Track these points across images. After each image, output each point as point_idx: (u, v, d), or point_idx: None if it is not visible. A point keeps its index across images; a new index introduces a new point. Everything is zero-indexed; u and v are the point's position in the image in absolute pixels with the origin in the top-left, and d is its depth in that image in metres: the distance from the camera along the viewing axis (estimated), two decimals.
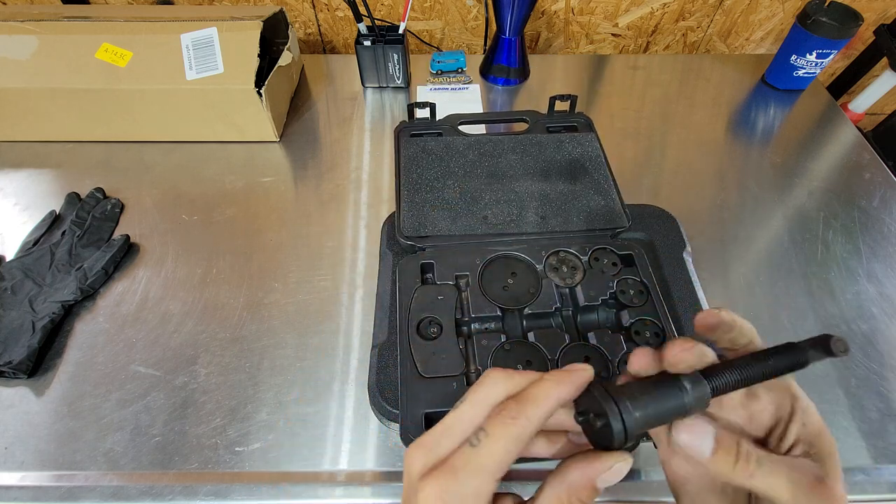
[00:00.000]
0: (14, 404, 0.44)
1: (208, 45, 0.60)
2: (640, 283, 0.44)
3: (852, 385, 0.45)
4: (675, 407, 0.22)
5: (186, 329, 0.48)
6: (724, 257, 0.54)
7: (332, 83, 0.76)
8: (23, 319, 0.47)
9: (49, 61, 0.59)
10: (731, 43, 0.88)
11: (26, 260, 0.52)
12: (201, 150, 0.65)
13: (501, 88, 0.76)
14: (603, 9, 0.82)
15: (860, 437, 0.43)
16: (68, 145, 0.65)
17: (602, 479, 0.22)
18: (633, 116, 0.71)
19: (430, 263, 0.45)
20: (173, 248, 0.55)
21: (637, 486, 0.40)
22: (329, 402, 0.44)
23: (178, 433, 0.42)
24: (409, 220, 0.49)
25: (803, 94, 0.74)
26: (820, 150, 0.67)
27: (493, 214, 0.50)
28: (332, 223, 0.57)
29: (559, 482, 0.23)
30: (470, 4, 0.81)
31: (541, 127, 0.58)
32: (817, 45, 0.67)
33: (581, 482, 0.22)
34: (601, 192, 0.51)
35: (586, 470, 0.22)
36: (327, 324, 0.49)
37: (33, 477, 0.40)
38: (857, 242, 0.56)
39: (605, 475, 0.22)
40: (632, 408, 0.22)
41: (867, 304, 0.51)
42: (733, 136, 0.69)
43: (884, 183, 0.62)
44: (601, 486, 0.23)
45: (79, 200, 0.58)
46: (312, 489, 0.40)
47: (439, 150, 0.55)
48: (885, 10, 0.80)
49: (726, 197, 0.60)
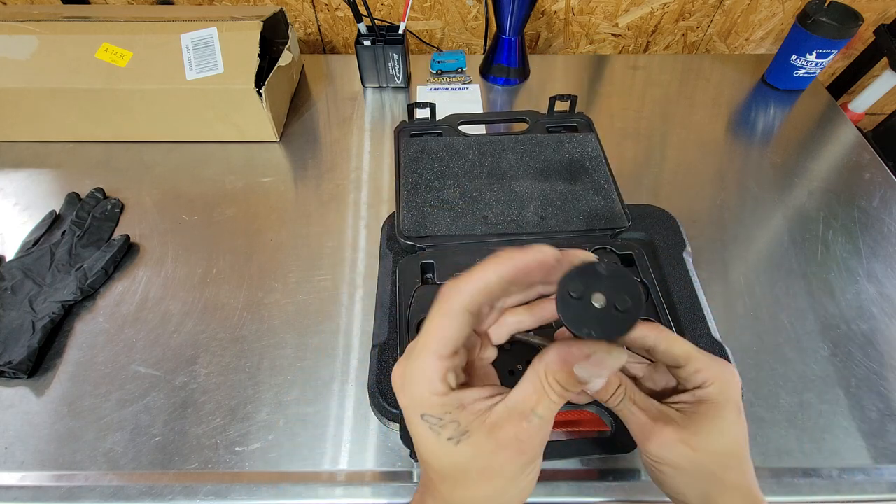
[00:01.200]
0: (14, 404, 0.44)
1: (208, 45, 0.60)
2: (641, 283, 0.44)
3: (852, 385, 0.45)
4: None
5: (186, 329, 0.48)
6: (724, 257, 0.54)
7: (332, 83, 0.76)
8: (23, 319, 0.47)
9: (49, 61, 0.59)
10: (731, 43, 0.88)
11: (26, 260, 0.52)
12: (201, 150, 0.65)
13: (501, 88, 0.76)
14: (603, 9, 0.82)
15: (860, 438, 0.43)
16: (68, 145, 0.65)
17: (581, 368, 0.22)
18: (633, 116, 0.71)
19: (430, 263, 0.45)
20: (173, 248, 0.55)
21: (637, 486, 0.40)
22: (329, 402, 0.44)
23: (178, 433, 0.42)
24: (409, 219, 0.49)
25: (803, 94, 0.74)
26: (820, 150, 0.67)
27: (494, 214, 0.49)
28: (332, 223, 0.57)
29: (538, 360, 0.23)
30: (470, 4, 0.81)
31: (541, 127, 0.58)
32: (817, 45, 0.67)
33: (557, 362, 0.22)
34: (601, 192, 0.51)
35: (562, 351, 0.22)
36: (327, 324, 0.49)
37: (33, 477, 0.40)
38: (857, 242, 0.56)
39: (585, 364, 0.22)
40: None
41: (867, 304, 0.51)
42: (733, 136, 0.69)
43: (884, 183, 0.62)
44: (582, 376, 0.22)
45: (79, 200, 0.58)
46: (312, 489, 0.40)
47: (439, 150, 0.55)
48: (885, 9, 0.80)
49: (726, 197, 0.60)
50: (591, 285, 0.21)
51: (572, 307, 0.21)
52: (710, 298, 0.47)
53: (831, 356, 0.47)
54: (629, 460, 0.41)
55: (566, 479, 0.40)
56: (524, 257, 0.23)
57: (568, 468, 0.41)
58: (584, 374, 0.22)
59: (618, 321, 0.21)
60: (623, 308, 0.21)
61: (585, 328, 0.21)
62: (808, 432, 0.43)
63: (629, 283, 0.22)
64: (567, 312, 0.21)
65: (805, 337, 0.48)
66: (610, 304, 0.21)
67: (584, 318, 0.21)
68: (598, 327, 0.21)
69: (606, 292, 0.21)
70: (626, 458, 0.41)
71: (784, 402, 0.44)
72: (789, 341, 0.48)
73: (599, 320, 0.21)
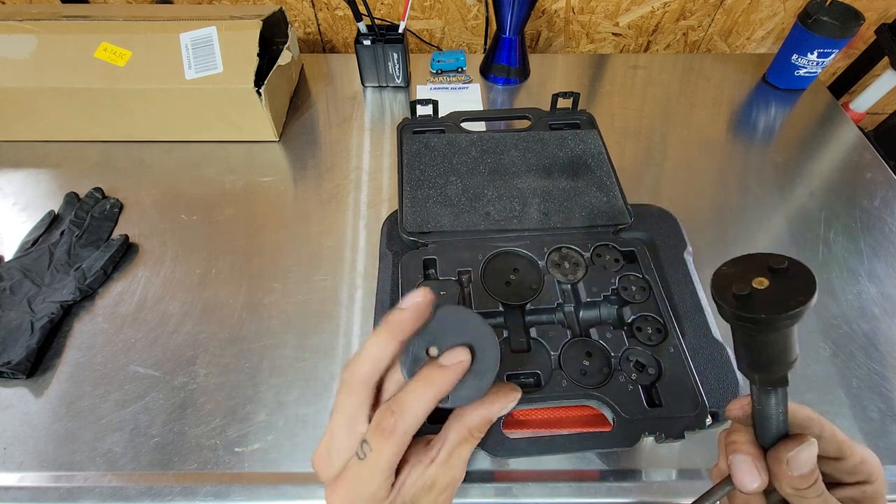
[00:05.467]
0: (13, 405, 0.44)
1: (207, 44, 0.59)
2: (643, 279, 0.44)
3: (853, 385, 0.45)
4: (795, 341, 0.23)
5: (186, 329, 0.48)
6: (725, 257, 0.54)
7: (332, 83, 0.76)
8: (21, 320, 0.46)
9: (48, 61, 0.59)
10: (732, 42, 0.87)
11: (25, 260, 0.51)
12: (201, 149, 0.65)
13: (501, 88, 0.76)
14: (603, 8, 0.82)
15: (861, 438, 0.42)
16: (67, 145, 0.65)
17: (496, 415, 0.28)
18: (633, 116, 0.71)
19: (432, 259, 0.45)
20: (172, 248, 0.55)
21: (637, 486, 0.40)
22: (329, 402, 0.44)
23: (178, 434, 0.42)
24: (411, 216, 0.49)
25: (804, 93, 0.74)
26: (821, 149, 0.67)
27: (496, 210, 0.49)
28: (332, 223, 0.57)
29: (461, 425, 0.27)
30: (470, 3, 0.81)
31: (543, 124, 0.58)
32: (818, 45, 0.67)
33: (481, 424, 0.27)
34: (603, 188, 0.51)
35: (483, 412, 0.27)
36: (327, 324, 0.49)
37: (32, 477, 0.40)
38: (858, 242, 0.56)
39: (502, 412, 0.28)
40: None
41: (868, 304, 0.51)
42: (734, 135, 0.69)
43: (885, 183, 0.62)
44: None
45: (77, 200, 0.58)
46: (312, 490, 0.40)
47: (442, 147, 0.55)
48: (886, 9, 0.80)
49: (727, 197, 0.60)
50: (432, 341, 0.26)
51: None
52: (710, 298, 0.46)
53: (833, 356, 0.47)
54: (630, 460, 0.41)
55: (567, 479, 0.40)
56: (405, 326, 0.25)
57: (568, 468, 0.41)
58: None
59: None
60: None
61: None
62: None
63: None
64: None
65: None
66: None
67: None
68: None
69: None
70: (627, 459, 0.41)
71: None
72: None
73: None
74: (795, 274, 0.21)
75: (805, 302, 0.20)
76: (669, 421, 0.36)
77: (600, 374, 0.38)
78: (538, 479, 0.40)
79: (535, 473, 0.40)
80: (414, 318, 0.25)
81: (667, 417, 0.36)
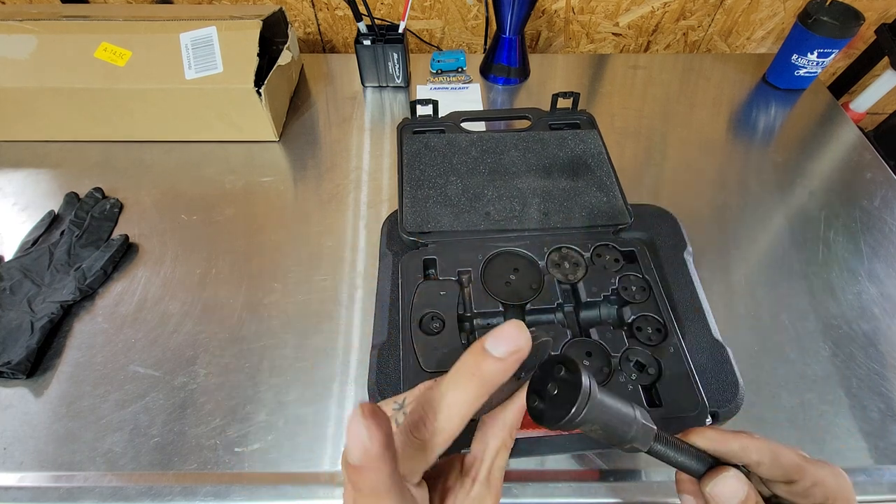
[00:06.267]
0: (13, 405, 0.44)
1: (207, 44, 0.59)
2: (642, 279, 0.44)
3: (853, 385, 0.45)
4: (624, 417, 0.22)
5: (185, 329, 0.48)
6: (725, 257, 0.54)
7: (332, 83, 0.76)
8: (21, 320, 0.46)
9: (48, 61, 0.59)
10: (732, 42, 0.87)
11: (25, 260, 0.51)
12: (200, 149, 0.65)
13: (501, 88, 0.76)
14: (604, 8, 0.82)
15: (861, 438, 0.42)
16: (67, 145, 0.65)
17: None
18: (633, 116, 0.71)
19: (432, 259, 0.45)
20: (172, 248, 0.55)
21: (637, 486, 0.40)
22: (329, 402, 0.44)
23: (178, 434, 0.42)
24: (411, 215, 0.49)
25: (804, 93, 0.74)
26: (821, 149, 0.67)
27: (496, 210, 0.49)
28: (332, 223, 0.57)
29: (500, 428, 0.23)
30: (470, 3, 0.81)
31: (543, 124, 0.58)
32: (818, 45, 0.67)
33: (518, 419, 0.23)
34: (604, 188, 0.51)
35: (520, 404, 0.23)
36: (327, 324, 0.49)
37: (32, 477, 0.40)
38: (858, 242, 0.56)
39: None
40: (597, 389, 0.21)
41: (868, 304, 0.51)
42: (734, 135, 0.69)
43: (885, 183, 0.62)
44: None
45: (77, 200, 0.58)
46: (312, 490, 0.40)
47: (442, 147, 0.55)
48: (886, 9, 0.80)
49: (727, 197, 0.60)
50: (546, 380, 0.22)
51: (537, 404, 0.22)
52: (710, 298, 0.46)
53: (832, 356, 0.47)
54: (630, 460, 0.41)
55: (567, 479, 0.40)
56: (498, 380, 0.20)
57: (568, 468, 0.41)
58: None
59: (562, 399, 0.21)
60: (563, 388, 0.21)
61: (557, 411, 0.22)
62: (810, 433, 0.43)
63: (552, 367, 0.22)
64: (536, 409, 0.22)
65: (806, 337, 0.48)
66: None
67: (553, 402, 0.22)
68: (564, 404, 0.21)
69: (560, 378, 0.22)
70: (627, 458, 0.41)
71: (785, 403, 0.44)
72: (790, 341, 0.48)
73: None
74: (571, 380, 0.21)
75: (564, 416, 0.20)
76: (669, 421, 0.36)
77: (600, 374, 0.38)
78: (538, 479, 0.40)
79: (535, 473, 0.40)
80: (512, 370, 0.19)
81: (667, 417, 0.36)
